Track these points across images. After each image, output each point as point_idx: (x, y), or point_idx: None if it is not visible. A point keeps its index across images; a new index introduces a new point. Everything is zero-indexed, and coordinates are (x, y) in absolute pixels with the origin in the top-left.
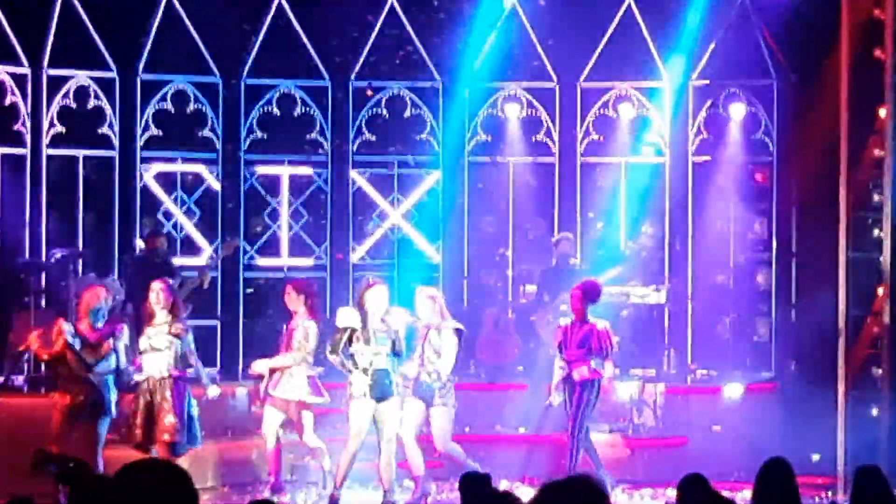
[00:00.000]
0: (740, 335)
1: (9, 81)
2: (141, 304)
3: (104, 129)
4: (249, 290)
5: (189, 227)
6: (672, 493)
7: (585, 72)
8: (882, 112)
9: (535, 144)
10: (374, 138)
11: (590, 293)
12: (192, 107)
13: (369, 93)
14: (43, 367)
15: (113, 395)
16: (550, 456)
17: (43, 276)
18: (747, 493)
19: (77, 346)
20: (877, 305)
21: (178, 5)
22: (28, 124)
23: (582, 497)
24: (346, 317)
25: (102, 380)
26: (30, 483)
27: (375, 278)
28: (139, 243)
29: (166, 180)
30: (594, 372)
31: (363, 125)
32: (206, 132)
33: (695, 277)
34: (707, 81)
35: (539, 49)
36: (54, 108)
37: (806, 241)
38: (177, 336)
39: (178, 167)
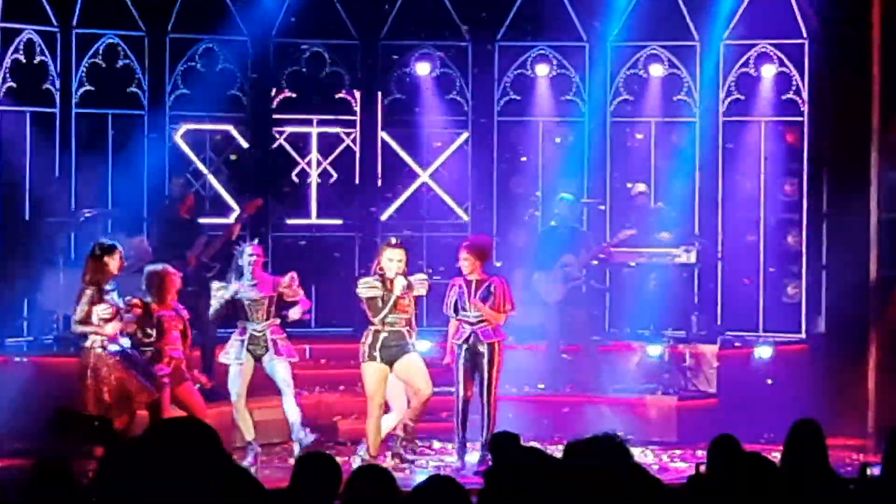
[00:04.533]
0: (771, 296)
1: (38, 40)
2: (170, 264)
3: (133, 88)
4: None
5: (218, 187)
6: (702, 453)
7: (615, 32)
8: None
9: (564, 104)
10: (402, 97)
11: (484, 250)
12: (220, 66)
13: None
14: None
15: None
16: (578, 416)
17: (72, 236)
18: (777, 455)
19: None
20: None
21: None
22: (57, 83)
23: (606, 454)
24: (368, 288)
25: None
26: (60, 443)
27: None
28: (174, 203)
29: (195, 140)
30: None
31: (392, 85)
32: (235, 91)
33: (725, 238)
34: (738, 41)
35: (568, 7)
36: (83, 67)
37: (837, 202)
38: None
39: (207, 126)
